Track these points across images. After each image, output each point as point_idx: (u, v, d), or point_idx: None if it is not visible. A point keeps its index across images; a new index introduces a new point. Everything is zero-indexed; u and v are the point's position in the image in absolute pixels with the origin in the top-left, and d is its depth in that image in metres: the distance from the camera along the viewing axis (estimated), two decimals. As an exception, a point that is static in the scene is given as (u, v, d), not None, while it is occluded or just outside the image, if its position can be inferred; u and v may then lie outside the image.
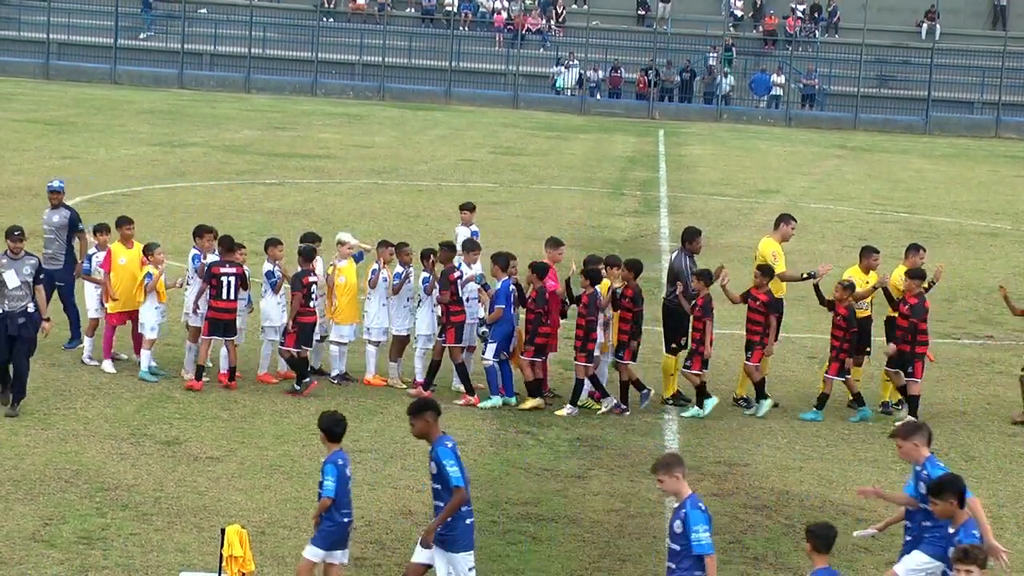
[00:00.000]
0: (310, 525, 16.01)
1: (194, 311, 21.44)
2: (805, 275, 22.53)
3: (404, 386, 21.72)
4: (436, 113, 69.37)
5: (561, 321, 21.78)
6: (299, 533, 15.74)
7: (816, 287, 21.98)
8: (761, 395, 21.57)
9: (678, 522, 12.22)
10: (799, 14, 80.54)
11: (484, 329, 21.32)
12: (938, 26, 78.63)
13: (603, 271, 21.42)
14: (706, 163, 55.28)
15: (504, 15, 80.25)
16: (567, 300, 21.61)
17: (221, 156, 47.87)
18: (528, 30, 78.95)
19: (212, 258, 21.48)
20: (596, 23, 78.94)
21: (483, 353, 21.32)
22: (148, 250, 21.79)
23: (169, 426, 19.36)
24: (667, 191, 46.30)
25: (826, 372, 21.66)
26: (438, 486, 13.14)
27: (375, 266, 22.01)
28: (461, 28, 79.44)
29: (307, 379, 21.10)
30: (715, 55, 76.15)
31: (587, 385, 21.50)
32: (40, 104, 60.88)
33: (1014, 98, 75.30)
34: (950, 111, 75.37)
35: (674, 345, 21.87)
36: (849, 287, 21.62)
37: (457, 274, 21.34)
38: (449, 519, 13.06)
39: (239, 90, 74.29)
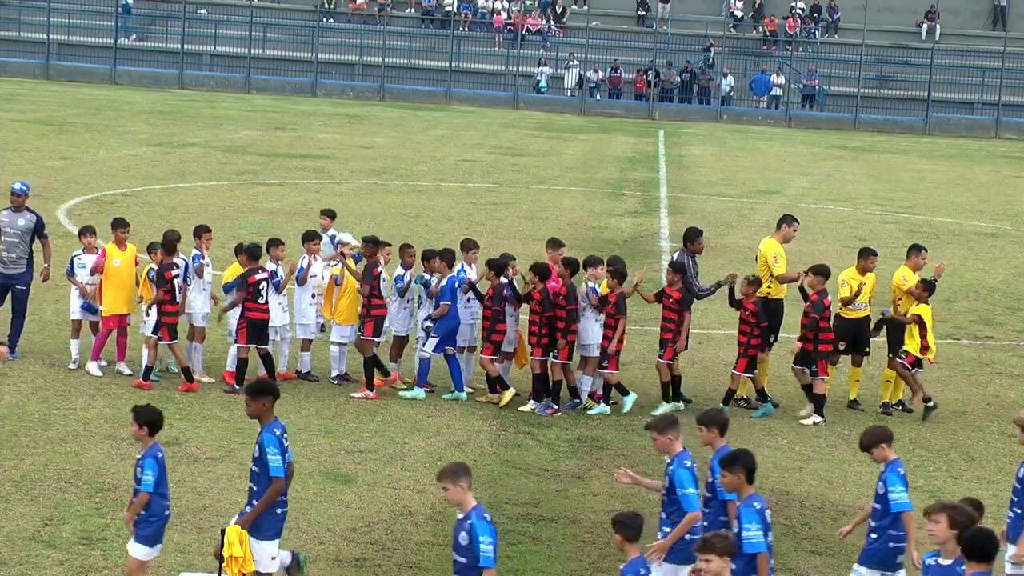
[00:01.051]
0: (311, 525, 16.03)
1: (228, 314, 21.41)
2: (804, 273, 22.50)
3: (404, 386, 21.70)
4: (436, 113, 69.38)
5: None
6: (299, 534, 15.74)
7: (731, 288, 21.86)
8: (674, 396, 21.36)
9: (463, 534, 11.82)
10: (799, 12, 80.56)
11: (428, 324, 21.30)
12: (938, 26, 78.67)
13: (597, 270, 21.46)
14: (706, 163, 55.27)
15: (504, 15, 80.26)
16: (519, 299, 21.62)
17: (221, 156, 47.87)
18: (528, 30, 78.96)
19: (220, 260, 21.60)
20: (596, 23, 78.97)
21: (422, 345, 21.32)
22: (151, 250, 21.83)
23: (169, 426, 19.29)
24: (667, 191, 46.30)
25: (734, 368, 21.54)
26: (256, 468, 13.24)
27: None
28: (461, 28, 79.47)
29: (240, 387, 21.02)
30: (700, 61, 76.09)
31: (586, 385, 21.51)
32: (40, 104, 60.88)
33: (1014, 98, 75.33)
34: (950, 111, 75.40)
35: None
36: (754, 282, 21.48)
37: (380, 268, 21.38)
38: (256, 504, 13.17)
39: (239, 90, 74.30)
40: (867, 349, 22.56)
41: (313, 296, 21.98)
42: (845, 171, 55.53)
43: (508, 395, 21.16)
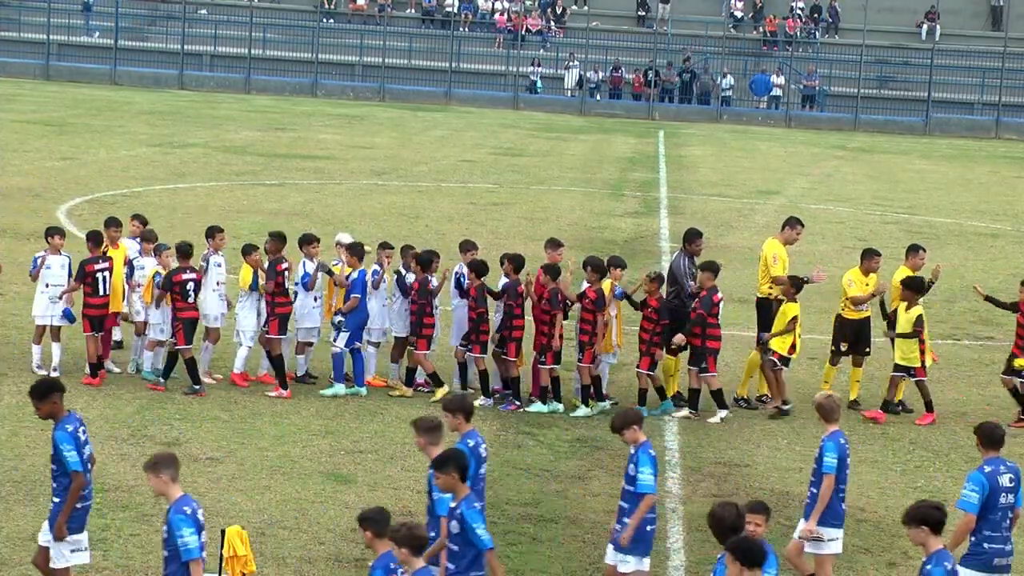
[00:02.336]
0: (311, 526, 16.04)
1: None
2: (801, 280, 22.47)
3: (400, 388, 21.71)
4: (436, 114, 69.40)
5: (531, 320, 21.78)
6: (299, 534, 15.75)
7: (627, 295, 21.75)
8: (592, 398, 21.30)
9: (165, 527, 11.84)
10: (799, 13, 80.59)
11: (339, 318, 21.27)
12: (938, 27, 78.68)
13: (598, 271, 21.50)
14: (706, 164, 55.28)
15: (504, 16, 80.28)
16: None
17: (221, 157, 47.87)
18: (528, 30, 78.97)
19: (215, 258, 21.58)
20: (596, 23, 78.98)
21: (333, 340, 21.30)
22: (157, 251, 21.84)
23: (169, 427, 19.36)
24: (667, 192, 46.31)
25: (637, 367, 21.41)
26: (54, 466, 13.21)
27: (376, 267, 22.00)
28: (461, 29, 79.47)
29: (162, 380, 21.03)
30: (700, 61, 76.17)
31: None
32: (40, 105, 60.89)
33: (1014, 99, 75.33)
34: (950, 112, 75.41)
35: (674, 346, 21.85)
36: (656, 279, 21.38)
37: (285, 265, 21.37)
38: (58, 501, 13.12)
39: (239, 91, 74.31)
40: (867, 350, 22.56)
41: (316, 299, 21.96)
42: (845, 171, 55.54)
43: (441, 392, 21.17)
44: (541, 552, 15.84)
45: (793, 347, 21.61)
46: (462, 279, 21.80)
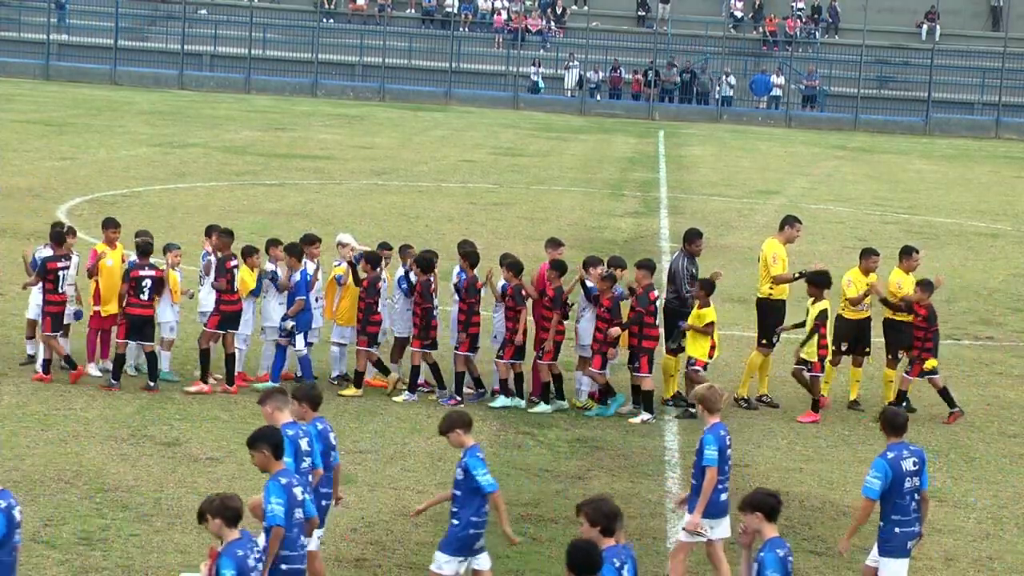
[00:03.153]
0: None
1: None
2: (796, 275, 22.45)
3: (404, 387, 21.69)
4: (436, 114, 69.40)
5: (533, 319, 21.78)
6: (299, 534, 15.73)
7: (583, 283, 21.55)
8: (546, 398, 21.29)
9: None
10: (799, 13, 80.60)
11: (291, 323, 21.23)
12: (938, 27, 78.69)
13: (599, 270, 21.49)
14: (706, 164, 55.28)
15: (504, 16, 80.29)
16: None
17: (221, 157, 47.87)
18: (528, 31, 78.97)
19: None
20: (596, 23, 78.99)
21: (293, 344, 21.28)
22: (167, 250, 21.84)
23: (169, 427, 19.35)
24: (667, 192, 46.31)
25: (590, 367, 21.27)
26: None
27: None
28: (461, 29, 79.47)
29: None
30: (700, 61, 76.19)
31: (586, 385, 21.51)
32: (40, 105, 60.88)
33: (1014, 99, 75.35)
34: (950, 112, 75.41)
35: (674, 346, 21.86)
36: (608, 278, 21.19)
37: (234, 262, 21.30)
38: None
39: (239, 91, 74.31)
40: (867, 350, 22.56)
41: (316, 299, 21.95)
42: (845, 171, 55.54)
43: (391, 381, 21.46)
44: (541, 552, 15.84)
45: (713, 347, 21.33)
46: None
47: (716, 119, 74.31)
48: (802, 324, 21.67)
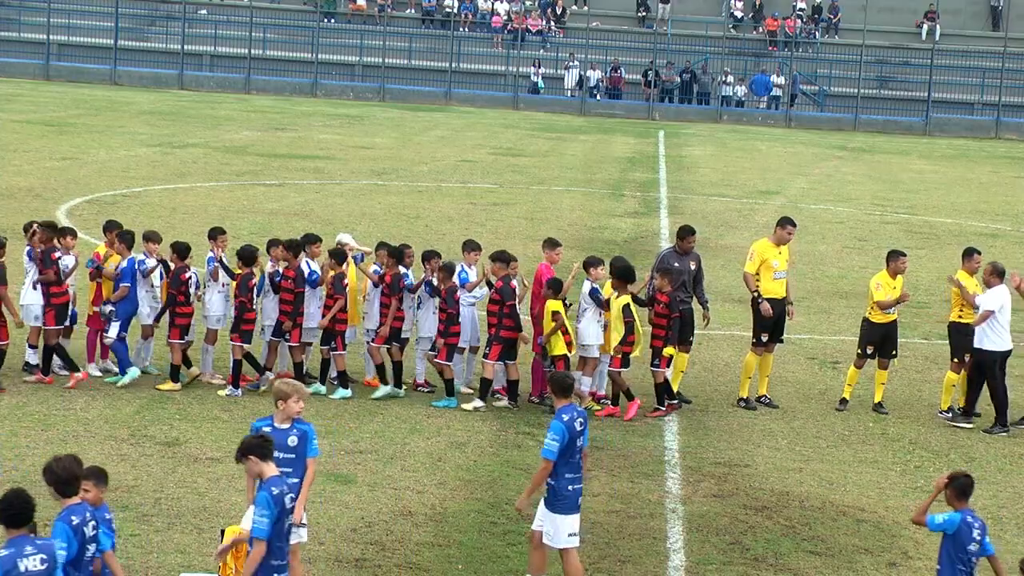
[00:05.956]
0: (311, 526, 16.02)
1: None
2: (755, 292, 22.25)
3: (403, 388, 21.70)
4: (436, 114, 69.40)
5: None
6: (299, 534, 15.73)
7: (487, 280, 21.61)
8: (383, 379, 21.41)
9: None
10: (799, 13, 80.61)
11: (110, 308, 21.15)
12: (938, 27, 78.72)
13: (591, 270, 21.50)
14: (706, 164, 55.28)
15: (504, 16, 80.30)
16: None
17: (221, 157, 47.87)
18: (528, 31, 78.98)
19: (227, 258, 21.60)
20: (596, 23, 79.00)
21: (107, 331, 21.19)
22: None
23: (169, 427, 19.35)
24: (667, 192, 46.31)
25: (485, 357, 21.29)
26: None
27: (375, 267, 22.00)
28: (461, 29, 79.49)
29: None
30: (700, 61, 76.21)
31: (586, 385, 21.50)
32: (40, 105, 60.89)
33: (1014, 99, 75.36)
34: (950, 112, 75.42)
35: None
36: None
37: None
38: None
39: (239, 91, 74.32)
40: (894, 352, 22.43)
41: (320, 299, 21.94)
42: (845, 171, 55.54)
43: (169, 386, 21.25)
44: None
45: (569, 343, 21.27)
46: (462, 279, 21.80)
47: (716, 119, 74.32)
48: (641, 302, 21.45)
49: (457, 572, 14.86)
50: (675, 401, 21.41)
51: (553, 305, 20.91)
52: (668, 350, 21.13)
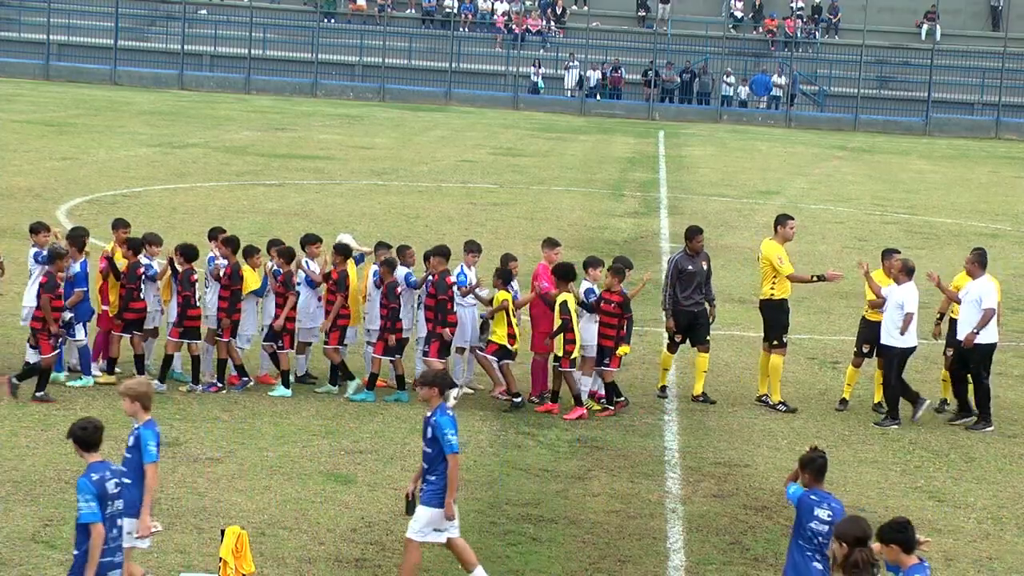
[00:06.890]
0: (311, 526, 16.04)
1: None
2: (814, 277, 22.45)
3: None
4: (436, 114, 69.41)
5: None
6: (299, 534, 15.74)
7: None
8: (334, 380, 21.46)
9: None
10: (799, 13, 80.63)
11: (69, 315, 20.98)
12: (938, 27, 78.72)
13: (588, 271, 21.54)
14: (706, 164, 55.28)
15: (504, 16, 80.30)
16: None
17: (221, 157, 47.87)
18: (528, 31, 78.98)
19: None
20: (596, 23, 79.01)
21: (73, 335, 21.09)
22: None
23: (169, 427, 19.34)
24: (667, 192, 46.32)
25: (374, 353, 21.38)
26: None
27: (375, 267, 22.00)
28: (461, 29, 79.49)
29: None
30: (700, 60, 76.20)
31: (585, 385, 21.51)
32: (40, 105, 60.89)
33: (1014, 99, 75.37)
34: (950, 112, 75.44)
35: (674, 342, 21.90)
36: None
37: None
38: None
39: (239, 91, 74.32)
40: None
41: (320, 299, 21.96)
42: (845, 172, 55.54)
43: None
44: (541, 552, 15.83)
45: (512, 336, 21.28)
46: (461, 280, 21.78)
47: (716, 119, 74.33)
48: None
49: (457, 572, 14.86)
50: (622, 399, 21.39)
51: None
52: (623, 349, 21.13)
